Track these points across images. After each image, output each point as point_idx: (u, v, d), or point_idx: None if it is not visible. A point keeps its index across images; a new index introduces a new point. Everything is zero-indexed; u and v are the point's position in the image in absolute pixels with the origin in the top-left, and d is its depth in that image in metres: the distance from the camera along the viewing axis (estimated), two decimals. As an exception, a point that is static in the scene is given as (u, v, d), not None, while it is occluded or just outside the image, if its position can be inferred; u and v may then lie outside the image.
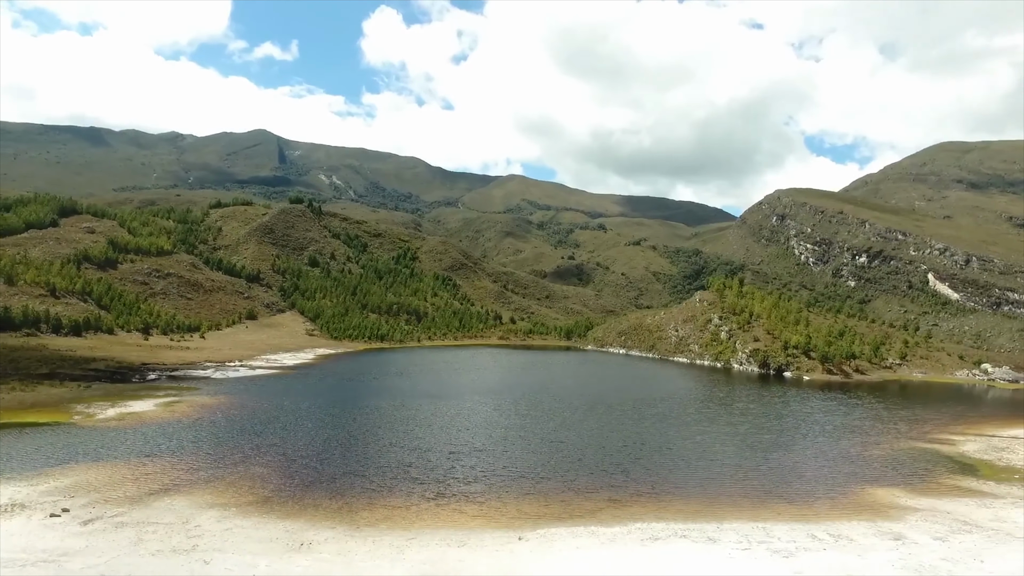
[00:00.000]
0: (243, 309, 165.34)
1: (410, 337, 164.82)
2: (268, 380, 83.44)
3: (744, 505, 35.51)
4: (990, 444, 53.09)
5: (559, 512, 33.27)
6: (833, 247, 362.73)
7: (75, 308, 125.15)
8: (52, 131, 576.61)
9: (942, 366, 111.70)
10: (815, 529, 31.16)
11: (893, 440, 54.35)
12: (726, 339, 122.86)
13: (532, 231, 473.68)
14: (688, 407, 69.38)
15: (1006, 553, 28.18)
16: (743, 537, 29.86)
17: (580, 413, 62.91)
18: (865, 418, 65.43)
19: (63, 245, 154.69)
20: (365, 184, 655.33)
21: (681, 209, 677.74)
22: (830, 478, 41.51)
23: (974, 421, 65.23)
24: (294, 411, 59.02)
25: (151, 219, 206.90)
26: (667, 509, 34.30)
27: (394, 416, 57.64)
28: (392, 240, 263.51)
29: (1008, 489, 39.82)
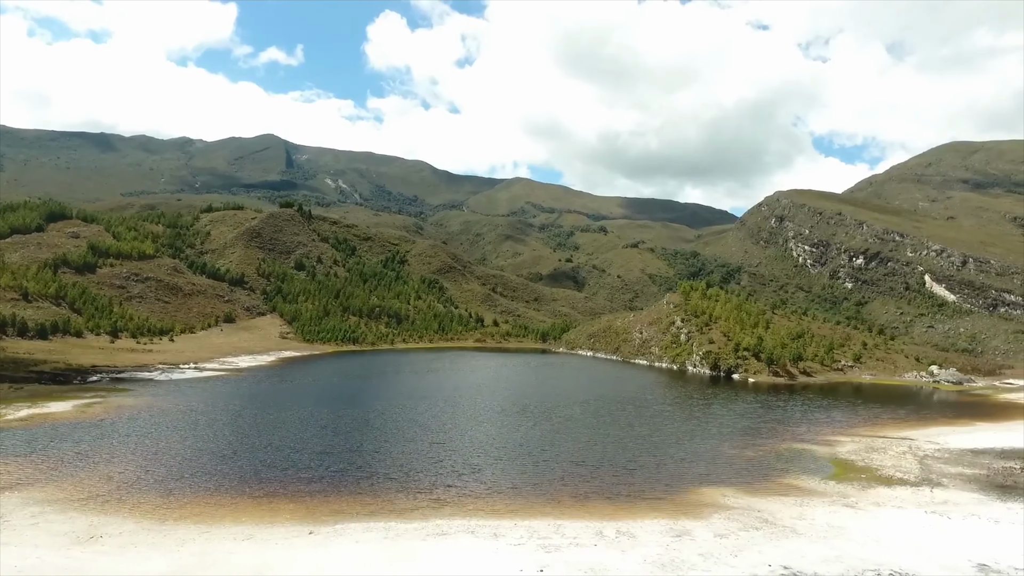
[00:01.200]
0: (221, 312, 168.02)
1: (384, 340, 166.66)
2: (209, 383, 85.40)
3: (565, 503, 36.44)
4: (871, 445, 53.41)
5: (375, 509, 34.44)
6: (831, 249, 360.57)
7: (46, 311, 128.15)
8: (64, 137, 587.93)
9: (895, 368, 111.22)
10: (607, 527, 32.05)
11: (778, 442, 54.85)
12: (684, 341, 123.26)
13: (532, 234, 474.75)
14: (605, 409, 70.18)
15: (770, 549, 28.93)
16: (530, 533, 30.86)
17: (487, 415, 63.98)
18: (773, 420, 65.84)
19: (44, 250, 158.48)
20: (371, 188, 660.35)
21: (686, 211, 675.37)
22: (675, 478, 42.27)
23: (885, 422, 65.38)
24: (203, 413, 60.68)
25: (140, 224, 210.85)
26: (483, 508, 35.33)
27: (292, 419, 59.01)
28: (382, 244, 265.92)
29: (841, 488, 40.36)
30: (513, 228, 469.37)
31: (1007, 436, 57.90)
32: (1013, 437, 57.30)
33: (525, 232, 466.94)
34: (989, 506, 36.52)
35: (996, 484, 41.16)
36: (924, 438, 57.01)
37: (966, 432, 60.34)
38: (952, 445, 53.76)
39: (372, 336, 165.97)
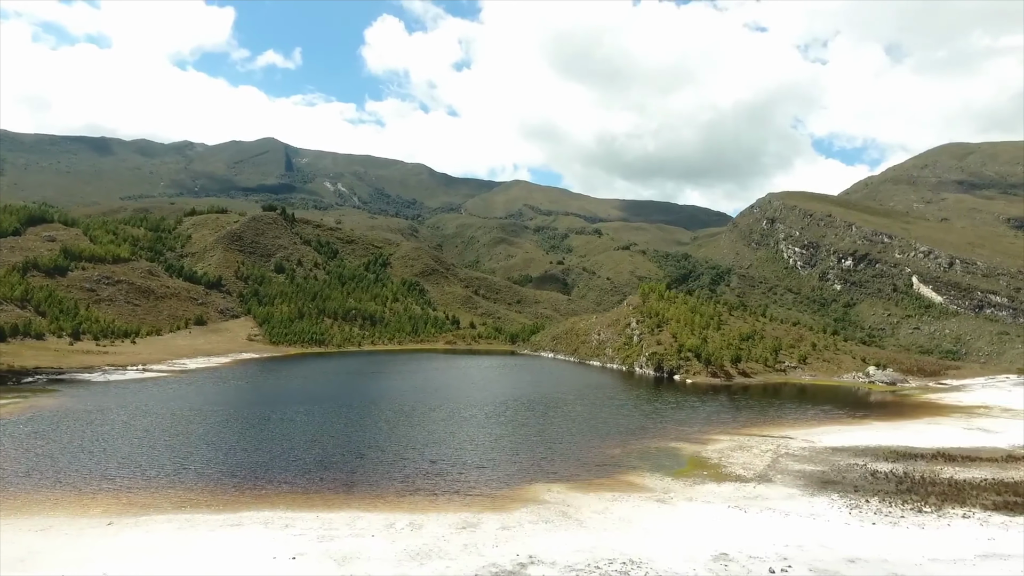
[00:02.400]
0: (193, 315, 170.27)
1: (351, 342, 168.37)
2: (143, 384, 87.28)
3: (386, 498, 37.73)
4: (742, 444, 54.37)
5: (189, 503, 35.95)
6: (820, 250, 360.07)
7: (9, 314, 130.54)
8: (63, 141, 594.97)
9: (838, 368, 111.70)
10: (403, 519, 33.32)
11: (656, 440, 55.92)
12: (636, 343, 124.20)
13: (527, 236, 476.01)
14: (511, 409, 71.35)
15: (536, 541, 30.11)
16: (321, 524, 32.19)
17: (374, 416, 65.11)
18: (674, 420, 66.79)
19: (16, 253, 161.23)
20: (370, 191, 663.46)
21: (684, 213, 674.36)
22: (518, 474, 43.43)
23: (781, 422, 66.15)
24: (104, 414, 62.37)
25: (120, 227, 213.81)
26: (299, 502, 36.68)
27: (179, 420, 60.59)
28: (365, 246, 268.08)
29: (671, 484, 41.42)
30: (507, 231, 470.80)
31: (886, 435, 58.64)
32: (890, 435, 58.02)
33: (519, 234, 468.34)
34: (795, 501, 37.52)
35: (824, 480, 42.09)
36: (803, 436, 57.88)
37: (850, 431, 61.11)
38: (822, 443, 54.64)
39: (339, 338, 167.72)
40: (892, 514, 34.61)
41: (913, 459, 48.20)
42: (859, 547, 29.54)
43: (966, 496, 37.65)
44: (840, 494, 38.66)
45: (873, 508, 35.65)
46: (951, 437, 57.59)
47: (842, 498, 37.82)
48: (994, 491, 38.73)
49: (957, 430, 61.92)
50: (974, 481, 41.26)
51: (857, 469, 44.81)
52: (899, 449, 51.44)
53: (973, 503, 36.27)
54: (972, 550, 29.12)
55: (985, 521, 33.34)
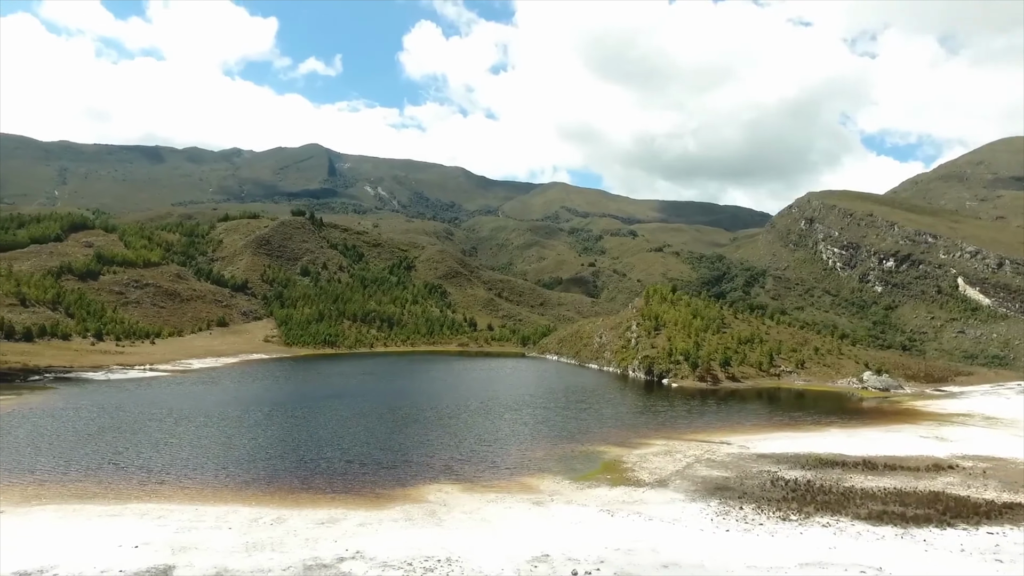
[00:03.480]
0: (215, 317, 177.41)
1: (363, 344, 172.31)
2: (140, 383, 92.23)
3: (279, 495, 39.63)
4: (671, 448, 54.14)
5: (94, 495, 38.63)
6: (860, 251, 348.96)
7: (41, 316, 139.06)
8: (120, 151, 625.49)
9: (837, 373, 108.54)
10: (270, 514, 35.04)
11: (587, 444, 56.22)
12: (632, 346, 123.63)
13: (561, 238, 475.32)
14: (472, 409, 72.64)
15: (378, 536, 31.37)
16: (193, 517, 34.29)
17: (342, 415, 67.35)
18: (622, 424, 66.74)
19: (54, 258, 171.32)
20: (409, 194, 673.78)
21: (726, 214, 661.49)
22: (420, 475, 44.53)
23: (732, 427, 65.10)
24: (82, 411, 66.54)
25: (156, 233, 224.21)
26: (192, 496, 38.99)
27: (144, 416, 64.06)
28: (391, 250, 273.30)
29: (563, 488, 41.89)
30: (540, 232, 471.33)
31: (831, 441, 57.30)
32: (833, 442, 56.66)
33: (552, 236, 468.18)
34: (670, 506, 37.61)
35: (718, 487, 41.85)
36: (741, 442, 57.19)
37: (796, 437, 59.91)
38: (754, 450, 53.95)
39: (351, 340, 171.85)
40: (753, 521, 34.44)
41: (832, 467, 47.29)
42: (686, 553, 29.71)
43: (848, 505, 37.01)
44: (720, 501, 38.52)
45: (740, 516, 35.49)
46: (898, 445, 55.95)
47: (720, 504, 37.70)
48: (882, 501, 37.93)
49: (912, 438, 60.02)
50: (871, 490, 40.41)
51: (764, 476, 44.34)
52: (827, 457, 50.44)
53: (848, 512, 35.68)
54: (799, 558, 28.95)
55: (842, 530, 32.87)
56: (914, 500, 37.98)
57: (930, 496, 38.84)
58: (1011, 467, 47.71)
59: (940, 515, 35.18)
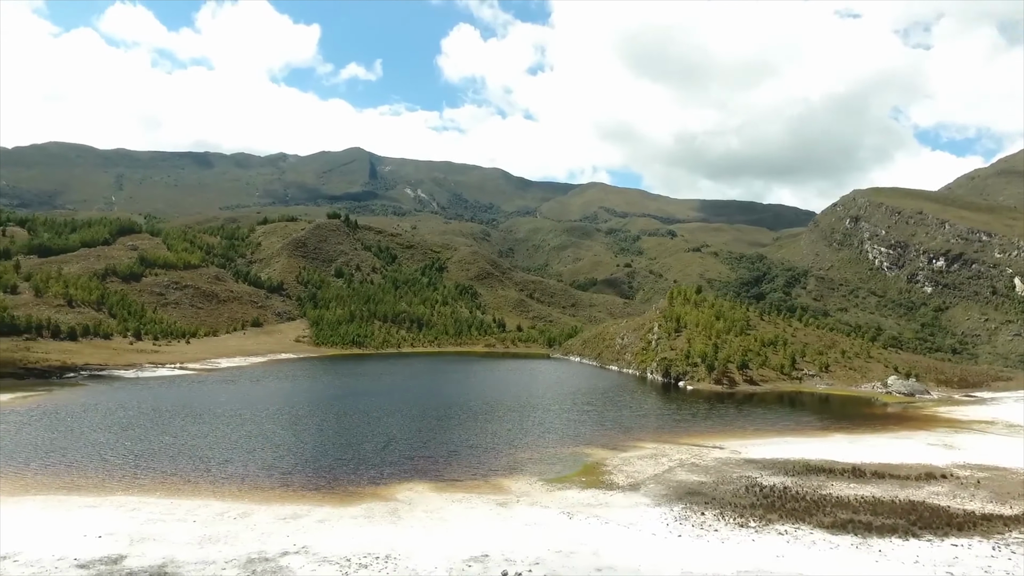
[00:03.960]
0: (250, 317, 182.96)
1: (391, 344, 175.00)
2: (162, 381, 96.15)
3: (259, 488, 41.15)
4: (658, 452, 53.48)
5: (81, 487, 40.77)
6: (909, 250, 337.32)
7: (85, 316, 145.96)
8: (172, 157, 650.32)
9: (863, 377, 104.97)
10: (236, 509, 36.30)
11: (573, 445, 56.10)
12: (652, 348, 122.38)
13: (598, 239, 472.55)
14: (471, 413, 73.26)
15: (333, 532, 32.28)
16: (165, 510, 35.92)
17: (342, 415, 68.76)
18: (618, 427, 66.22)
19: (100, 261, 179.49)
20: (448, 196, 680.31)
21: (769, 213, 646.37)
22: (398, 475, 45.23)
23: (732, 431, 63.66)
24: (94, 407, 69.84)
25: (198, 236, 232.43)
26: (177, 490, 40.73)
27: (150, 414, 66.74)
28: (424, 251, 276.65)
29: (535, 489, 41.98)
30: (576, 233, 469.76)
31: (829, 448, 55.63)
32: (831, 449, 55.03)
33: (588, 237, 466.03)
34: (632, 510, 37.38)
35: (690, 492, 41.30)
36: (734, 447, 56.17)
37: (794, 443, 58.39)
38: (744, 455, 52.93)
39: (378, 340, 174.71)
40: (709, 528, 34.00)
41: (817, 473, 46.10)
42: (626, 557, 29.63)
43: (815, 513, 36.11)
44: (685, 506, 38.09)
45: (698, 521, 35.07)
46: (898, 453, 54.07)
47: (683, 510, 37.29)
48: (853, 509, 36.87)
49: (919, 446, 57.86)
50: (847, 498, 39.29)
51: (741, 482, 43.57)
52: (817, 463, 49.13)
53: (812, 521, 34.84)
54: (740, 566, 28.53)
55: (797, 539, 32.17)
56: (888, 509, 36.81)
57: (907, 506, 37.58)
58: (1011, 477, 45.64)
59: (909, 525, 34.04)
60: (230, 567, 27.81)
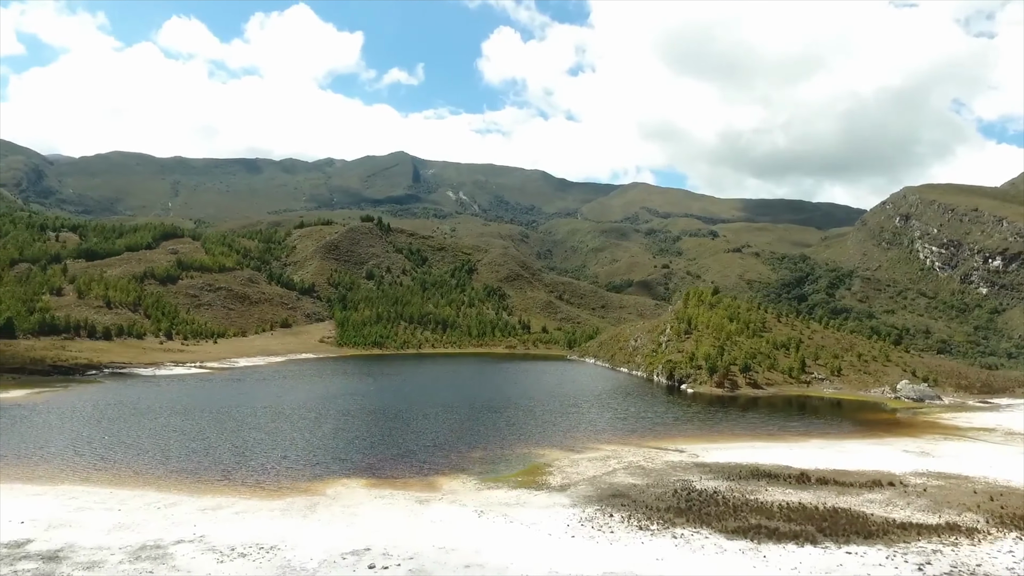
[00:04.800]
0: (280, 318, 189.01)
1: (410, 345, 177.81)
2: (173, 379, 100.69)
3: (200, 482, 43.08)
4: (611, 455, 52.95)
5: (31, 476, 43.56)
6: (962, 249, 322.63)
7: (122, 317, 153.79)
8: (224, 164, 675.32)
9: (876, 381, 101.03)
10: (167, 499, 38.22)
11: (529, 445, 56.22)
12: (661, 350, 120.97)
13: (637, 239, 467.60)
14: (452, 411, 74.29)
15: (245, 525, 33.67)
16: (99, 499, 38.17)
17: (317, 415, 70.33)
18: (590, 428, 66.01)
19: (141, 264, 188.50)
20: (489, 198, 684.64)
21: (818, 212, 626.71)
22: (343, 471, 46.45)
23: (704, 434, 62.38)
24: (95, 404, 73.81)
25: (236, 240, 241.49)
26: (119, 481, 43.16)
27: (140, 411, 70.15)
28: (455, 253, 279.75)
29: (467, 488, 42.40)
30: (615, 234, 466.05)
31: (794, 453, 54.03)
32: (793, 455, 53.42)
33: (627, 238, 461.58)
34: (546, 510, 37.46)
35: (615, 494, 41.05)
36: (696, 450, 55.35)
37: (760, 447, 57.02)
38: (702, 459, 52.12)
39: (399, 342, 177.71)
40: (607, 529, 33.94)
41: (760, 478, 45.11)
42: (503, 556, 29.99)
43: (726, 518, 35.53)
44: (599, 508, 38.02)
45: (602, 523, 35.01)
46: (864, 459, 52.25)
47: (595, 511, 37.24)
48: (769, 515, 36.10)
49: (894, 452, 55.70)
50: (771, 503, 38.43)
51: (675, 486, 43.06)
52: (768, 468, 48.05)
53: (718, 526, 34.31)
54: (609, 568, 28.54)
55: (689, 543, 31.82)
56: (805, 516, 35.89)
57: (828, 513, 36.52)
58: (966, 486, 43.64)
59: (816, 532, 33.20)
60: (120, 553, 29.49)
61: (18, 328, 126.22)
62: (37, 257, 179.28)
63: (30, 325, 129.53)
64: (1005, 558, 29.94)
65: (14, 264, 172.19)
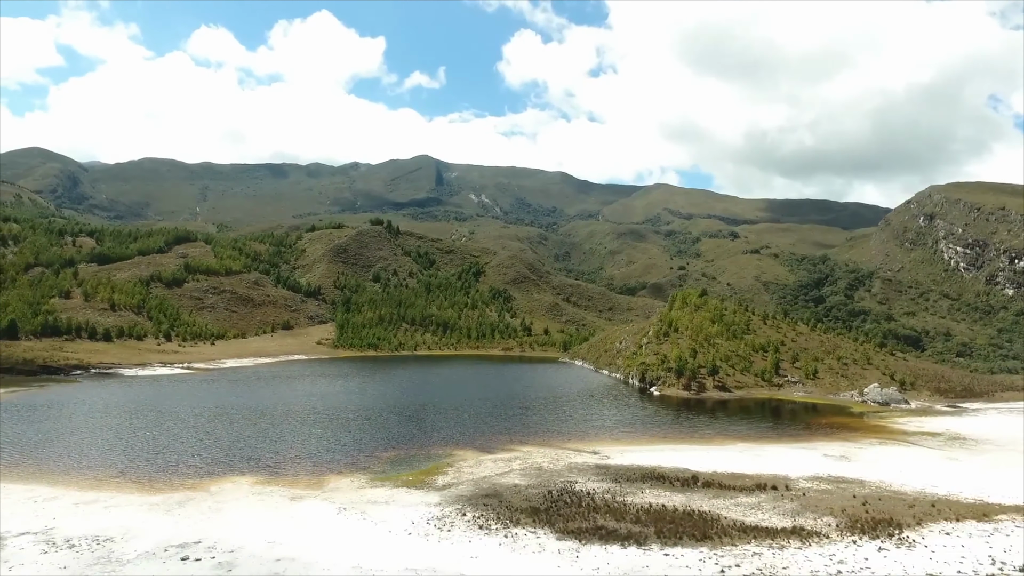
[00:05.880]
0: (282, 321, 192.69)
1: (405, 348, 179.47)
2: (153, 380, 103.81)
3: (95, 479, 44.95)
4: (523, 455, 53.21)
5: None
6: (988, 250, 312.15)
7: (125, 319, 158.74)
8: (251, 169, 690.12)
9: (852, 384, 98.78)
10: (47, 493, 40.15)
11: (447, 447, 56.91)
12: (641, 352, 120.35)
13: (656, 241, 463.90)
14: (392, 414, 75.42)
15: (95, 514, 35.35)
16: None
17: (227, 416, 71.06)
18: (518, 429, 66.29)
19: (149, 268, 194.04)
20: (511, 201, 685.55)
21: (846, 211, 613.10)
22: (236, 468, 48.09)
23: (632, 438, 62.25)
24: (59, 401, 76.85)
25: (247, 244, 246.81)
26: (25, 477, 45.26)
27: (101, 412, 72.72)
28: (463, 256, 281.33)
29: (350, 487, 43.34)
30: (633, 236, 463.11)
31: (708, 456, 53.57)
32: (705, 458, 52.97)
33: (644, 240, 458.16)
34: (407, 508, 38.21)
35: (490, 494, 41.60)
36: (611, 452, 55.34)
37: (681, 450, 56.64)
38: (611, 461, 52.16)
39: (395, 344, 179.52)
40: (446, 528, 34.57)
41: (647, 481, 45.08)
42: (322, 551, 30.88)
43: (575, 519, 35.78)
44: (459, 507, 38.57)
45: (447, 523, 35.58)
46: (775, 463, 51.63)
47: (453, 511, 37.76)
48: (618, 517, 36.19)
49: (812, 457, 54.82)
50: (631, 505, 38.50)
51: (556, 487, 43.29)
52: (664, 471, 47.84)
53: (558, 526, 34.64)
54: (415, 563, 29.18)
55: (515, 541, 32.24)
56: (657, 517, 35.88)
57: (683, 515, 36.46)
58: (854, 491, 42.90)
59: (653, 534, 33.25)
60: (-38, 542, 31.21)
61: (21, 330, 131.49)
62: (52, 261, 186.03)
63: (33, 327, 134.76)
64: (819, 560, 29.67)
65: (29, 268, 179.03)
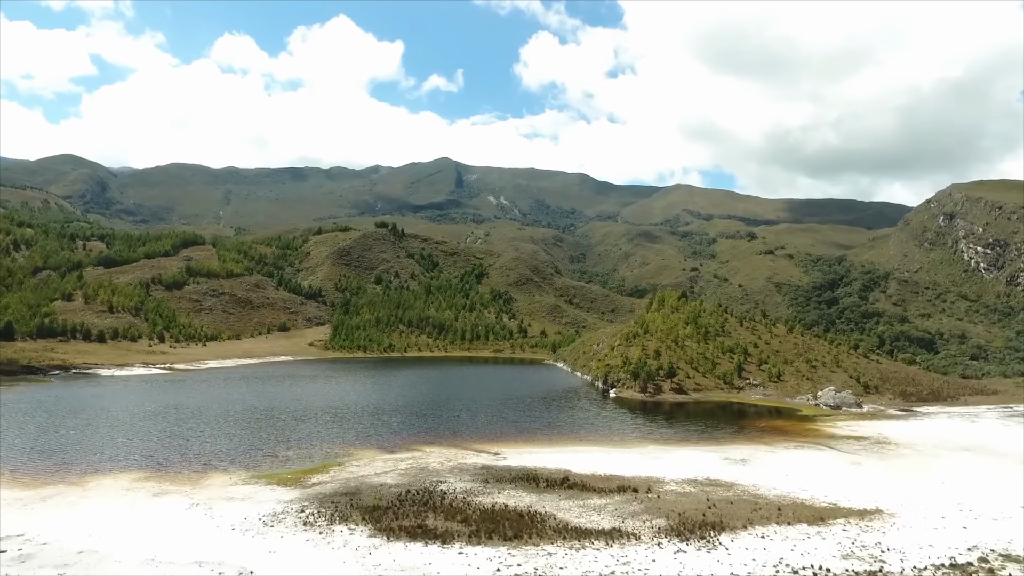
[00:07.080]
0: (278, 322, 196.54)
1: (396, 349, 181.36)
2: (122, 380, 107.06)
3: None
4: (418, 456, 54.05)
5: None
6: (1010, 249, 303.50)
7: (122, 320, 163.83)
8: (274, 173, 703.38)
9: (814, 387, 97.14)
10: (-65, 487, 42.40)
11: (353, 447, 57.78)
12: (611, 354, 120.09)
13: (672, 242, 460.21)
14: (325, 414, 76.81)
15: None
16: None
17: (168, 416, 73.60)
18: (448, 431, 66.93)
19: (152, 271, 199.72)
20: (530, 202, 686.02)
21: (869, 211, 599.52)
22: (134, 466, 49.93)
23: (550, 440, 62.53)
24: (19, 402, 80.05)
25: (252, 246, 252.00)
26: None
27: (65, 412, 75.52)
28: (466, 258, 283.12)
29: (222, 483, 44.73)
30: (648, 237, 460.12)
31: (605, 459, 53.58)
32: (602, 460, 53.01)
33: (658, 241, 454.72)
34: (256, 506, 39.36)
35: (347, 493, 42.51)
36: (508, 454, 55.69)
37: (582, 452, 56.68)
38: (507, 462, 52.54)
39: (384, 345, 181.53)
40: (276, 524, 35.67)
41: (520, 481, 45.54)
42: (124, 543, 32.22)
43: (407, 517, 36.55)
44: (304, 505, 39.57)
45: (281, 519, 36.64)
46: (663, 466, 51.46)
47: (300, 510, 38.73)
48: (448, 516, 36.82)
49: (712, 460, 54.35)
50: (474, 505, 39.06)
51: (424, 486, 43.95)
52: (544, 472, 48.07)
53: (381, 524, 35.41)
54: (201, 556, 30.26)
55: (326, 537, 33.16)
56: (484, 518, 36.36)
57: (511, 516, 36.86)
58: (716, 494, 42.66)
59: (468, 533, 33.87)
60: None
61: (18, 331, 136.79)
62: (59, 265, 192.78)
63: (30, 328, 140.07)
64: (605, 561, 29.95)
65: (37, 272, 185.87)
